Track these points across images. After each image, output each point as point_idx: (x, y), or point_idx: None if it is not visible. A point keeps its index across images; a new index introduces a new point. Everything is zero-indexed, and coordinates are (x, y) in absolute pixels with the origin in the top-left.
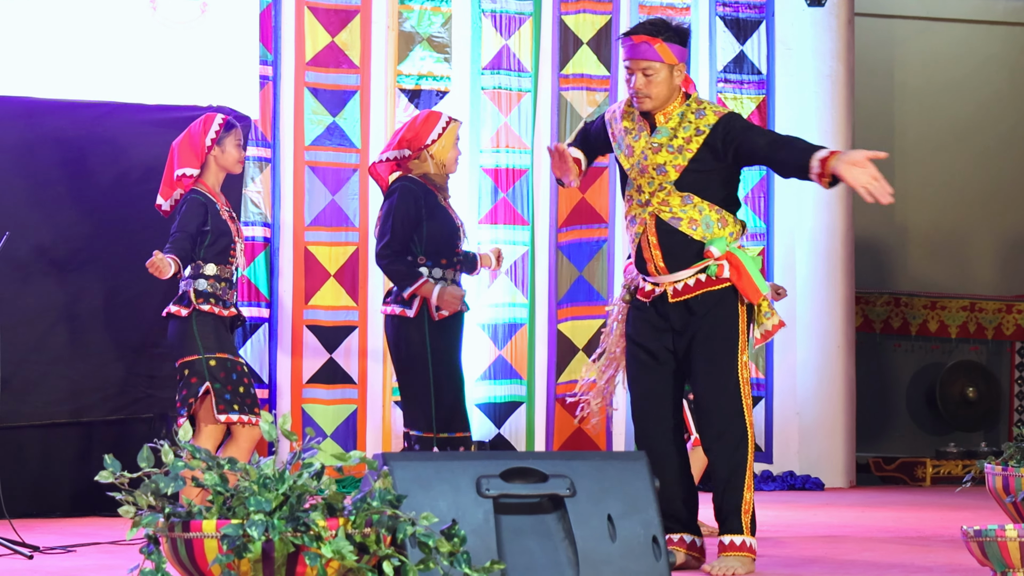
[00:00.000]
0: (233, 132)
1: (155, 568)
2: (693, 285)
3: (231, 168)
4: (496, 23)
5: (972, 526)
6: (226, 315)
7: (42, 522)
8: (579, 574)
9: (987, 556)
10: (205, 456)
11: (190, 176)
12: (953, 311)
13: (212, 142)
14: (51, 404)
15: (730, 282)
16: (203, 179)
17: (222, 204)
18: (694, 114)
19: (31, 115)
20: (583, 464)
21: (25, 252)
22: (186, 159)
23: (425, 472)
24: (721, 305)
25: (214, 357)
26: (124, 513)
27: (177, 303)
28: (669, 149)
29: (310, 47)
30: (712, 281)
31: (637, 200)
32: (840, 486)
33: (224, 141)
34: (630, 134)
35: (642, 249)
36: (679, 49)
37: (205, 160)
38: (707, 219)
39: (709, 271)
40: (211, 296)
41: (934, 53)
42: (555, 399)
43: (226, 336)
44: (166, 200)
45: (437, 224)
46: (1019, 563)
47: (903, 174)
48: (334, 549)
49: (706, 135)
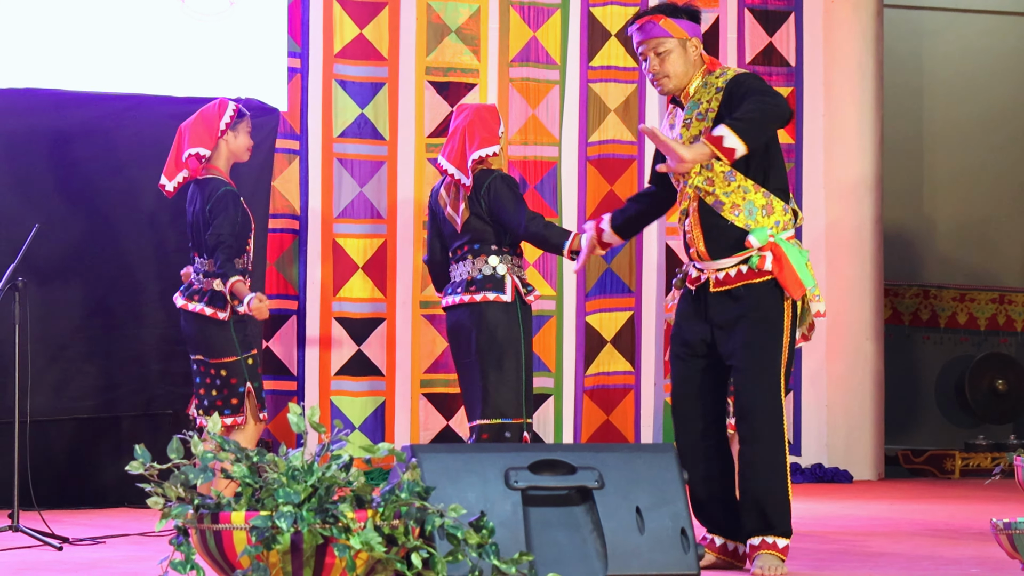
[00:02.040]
0: (245, 120)
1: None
2: (735, 276)
3: (240, 155)
4: (524, 15)
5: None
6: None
7: (71, 514)
8: (607, 566)
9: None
10: (234, 448)
11: (202, 156)
12: (982, 303)
13: (227, 126)
14: (81, 399)
15: (772, 275)
16: (214, 163)
17: None
18: (717, 78)
19: (61, 107)
20: (611, 456)
21: (55, 247)
22: (198, 139)
23: (453, 464)
24: (764, 299)
25: (251, 356)
26: (153, 504)
27: (212, 305)
28: (699, 117)
29: (339, 39)
30: (753, 273)
31: (682, 182)
32: (869, 478)
33: (238, 126)
34: (672, 129)
35: (686, 232)
36: (688, 24)
37: (217, 144)
38: (751, 204)
39: (751, 262)
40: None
41: (962, 44)
42: (583, 391)
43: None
44: (170, 180)
45: None
46: None
47: (932, 165)
48: (362, 541)
49: (721, 95)
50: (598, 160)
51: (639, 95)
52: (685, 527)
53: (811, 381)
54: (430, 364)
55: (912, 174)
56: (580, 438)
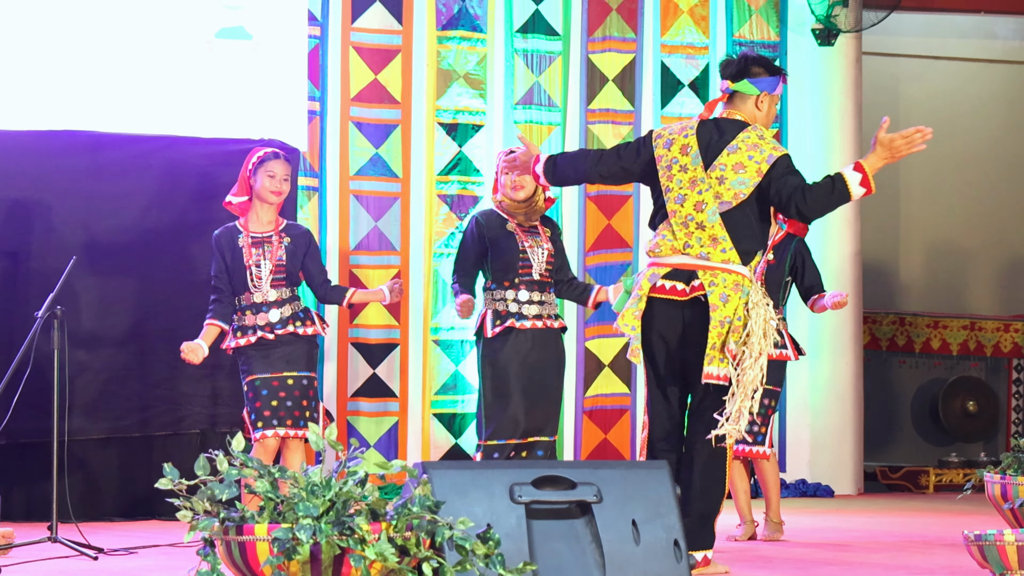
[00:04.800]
0: (264, 164)
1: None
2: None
3: (264, 197)
4: (528, 61)
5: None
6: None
7: (106, 526)
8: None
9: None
10: (257, 465)
11: (232, 203)
12: (954, 330)
13: (250, 173)
14: (116, 420)
15: None
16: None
17: (247, 233)
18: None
19: (97, 147)
20: (609, 472)
21: (93, 278)
22: (236, 186)
23: (462, 480)
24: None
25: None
26: (182, 518)
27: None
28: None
29: (355, 84)
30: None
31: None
32: (849, 493)
33: (258, 171)
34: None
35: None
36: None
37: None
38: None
39: None
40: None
41: (936, 89)
42: (583, 411)
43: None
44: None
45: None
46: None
47: (908, 202)
48: (377, 552)
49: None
50: (597, 196)
51: (635, 136)
52: (678, 538)
53: (795, 402)
54: (440, 387)
55: (889, 210)
56: (580, 455)
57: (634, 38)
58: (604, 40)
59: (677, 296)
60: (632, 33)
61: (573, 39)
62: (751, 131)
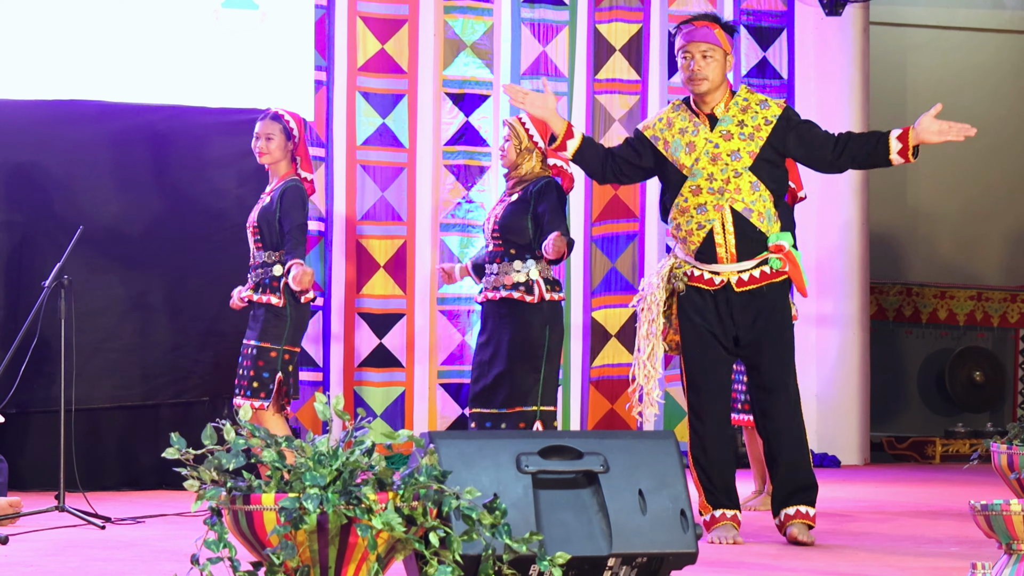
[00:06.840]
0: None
1: (218, 538)
2: (759, 276)
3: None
4: (535, 31)
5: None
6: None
7: (113, 495)
8: (612, 545)
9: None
10: (264, 435)
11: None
12: (961, 300)
13: None
14: (123, 388)
15: (787, 275)
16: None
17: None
18: (758, 105)
19: (105, 117)
20: (616, 442)
21: (99, 246)
22: None
23: (468, 449)
24: (781, 297)
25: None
26: (189, 487)
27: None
28: (741, 136)
29: (362, 54)
30: (774, 273)
31: (708, 189)
32: (856, 463)
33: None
34: (687, 133)
35: (713, 236)
36: (730, 40)
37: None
38: (769, 212)
39: (771, 264)
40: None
41: (944, 59)
42: (589, 382)
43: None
44: None
45: None
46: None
47: (915, 174)
48: (384, 521)
49: (773, 124)
50: None
51: (641, 106)
52: (684, 508)
53: (802, 372)
54: (446, 356)
55: (896, 180)
56: (587, 425)
57: (641, 8)
58: (611, 10)
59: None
60: (639, 2)
61: (580, 9)
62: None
